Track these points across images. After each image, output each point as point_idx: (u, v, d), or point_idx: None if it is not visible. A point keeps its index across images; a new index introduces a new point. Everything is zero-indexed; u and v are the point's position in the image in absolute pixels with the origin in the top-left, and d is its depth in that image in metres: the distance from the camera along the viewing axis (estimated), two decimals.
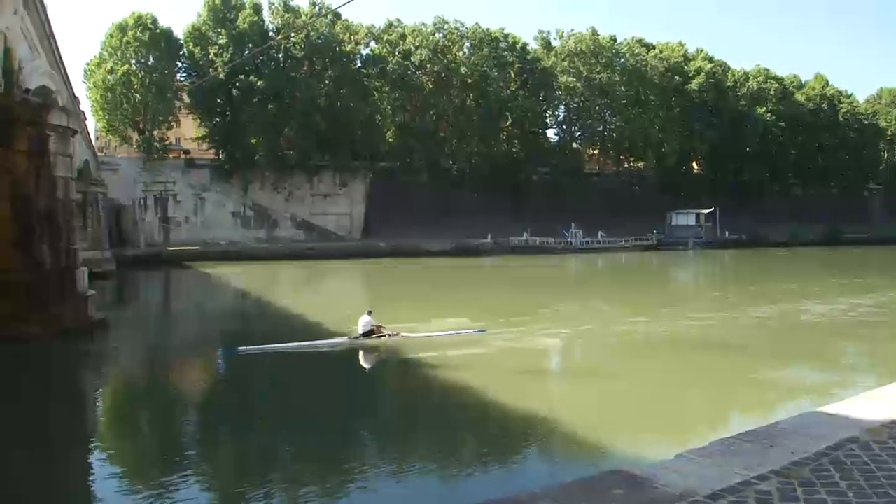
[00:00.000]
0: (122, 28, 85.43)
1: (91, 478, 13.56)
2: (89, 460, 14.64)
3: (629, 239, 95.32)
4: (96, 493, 12.85)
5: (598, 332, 28.42)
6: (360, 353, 23.77)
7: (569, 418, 16.14)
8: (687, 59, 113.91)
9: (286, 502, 12.20)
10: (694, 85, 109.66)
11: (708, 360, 23.23)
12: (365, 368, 22.92)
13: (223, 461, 14.48)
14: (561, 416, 16.43)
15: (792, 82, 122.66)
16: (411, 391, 20.11)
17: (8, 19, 27.05)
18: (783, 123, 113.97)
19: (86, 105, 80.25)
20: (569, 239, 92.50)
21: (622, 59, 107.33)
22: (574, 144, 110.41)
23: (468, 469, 13.70)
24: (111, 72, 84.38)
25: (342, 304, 42.86)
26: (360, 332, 23.95)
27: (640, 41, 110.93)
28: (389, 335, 24.23)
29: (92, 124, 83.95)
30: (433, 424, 16.88)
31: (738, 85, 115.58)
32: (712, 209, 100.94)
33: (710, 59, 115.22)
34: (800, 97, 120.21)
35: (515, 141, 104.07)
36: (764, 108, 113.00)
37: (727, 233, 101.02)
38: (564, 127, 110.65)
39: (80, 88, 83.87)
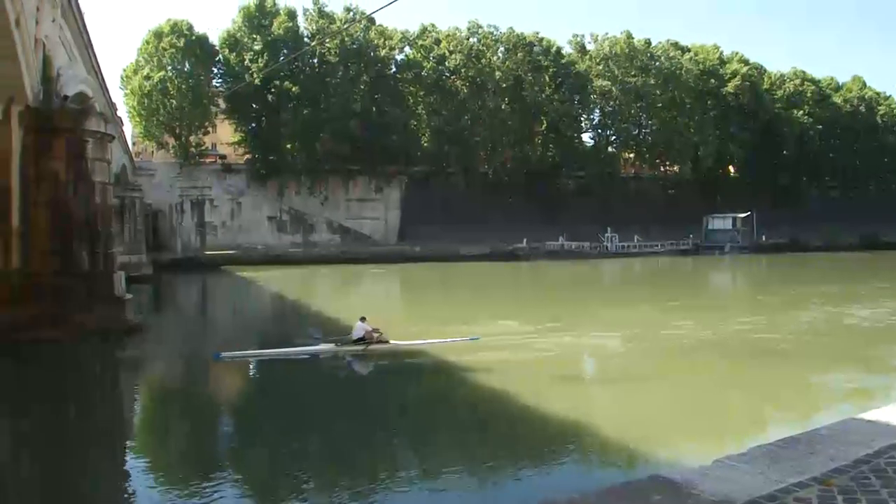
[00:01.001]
0: (157, 35, 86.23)
1: (123, 478, 13.58)
2: (122, 461, 14.66)
3: (665, 243, 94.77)
4: (128, 493, 12.93)
5: (636, 335, 28.17)
6: (384, 360, 23.65)
7: (606, 422, 15.96)
8: (722, 61, 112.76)
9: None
10: (730, 88, 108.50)
11: (748, 364, 22.91)
12: (395, 375, 22.73)
13: (252, 464, 14.43)
14: (598, 420, 16.25)
15: (829, 84, 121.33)
16: (445, 396, 19.96)
17: (46, 28, 27.39)
18: (820, 126, 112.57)
19: (122, 111, 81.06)
20: (604, 244, 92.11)
21: (657, 63, 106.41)
22: (609, 148, 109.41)
23: (504, 474, 13.55)
24: (147, 78, 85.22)
25: (377, 308, 42.93)
26: (354, 337, 23.52)
27: (674, 44, 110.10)
28: (379, 341, 23.69)
29: (129, 130, 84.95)
30: (468, 429, 16.70)
31: (775, 88, 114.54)
32: (749, 213, 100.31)
33: (746, 62, 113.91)
34: (837, 100, 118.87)
35: (550, 145, 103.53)
36: (801, 111, 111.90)
37: (764, 237, 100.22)
38: (600, 131, 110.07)
39: (117, 95, 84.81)
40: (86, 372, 22.11)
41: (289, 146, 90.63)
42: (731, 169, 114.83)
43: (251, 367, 23.26)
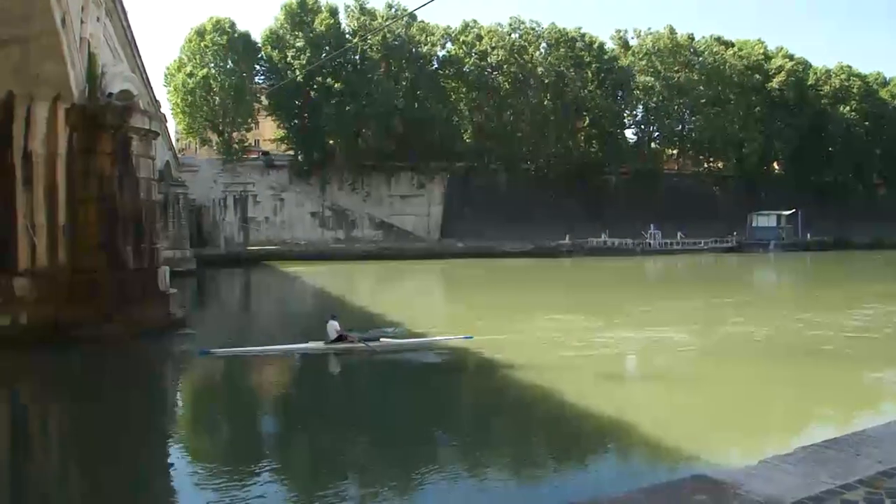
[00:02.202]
0: (200, 33, 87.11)
1: (169, 473, 13.74)
2: (166, 455, 14.79)
3: (709, 241, 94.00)
4: (174, 488, 13.09)
5: (680, 333, 27.84)
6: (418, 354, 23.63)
7: (651, 419, 15.77)
8: (767, 56, 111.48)
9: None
10: (774, 83, 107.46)
11: (796, 362, 22.51)
12: (430, 370, 22.49)
13: (296, 458, 14.50)
14: (642, 417, 16.00)
15: (876, 79, 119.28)
16: (489, 393, 19.80)
17: (91, 26, 27.71)
18: (867, 122, 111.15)
19: (166, 108, 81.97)
20: (647, 240, 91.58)
21: (700, 58, 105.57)
22: (652, 145, 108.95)
23: (546, 471, 13.50)
24: (191, 75, 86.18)
25: (419, 303, 43.09)
26: (331, 337, 23.25)
27: (718, 39, 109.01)
28: (363, 341, 23.45)
29: (172, 127, 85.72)
30: (508, 426, 16.59)
31: (820, 83, 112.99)
32: (794, 210, 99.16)
33: (791, 57, 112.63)
34: (884, 95, 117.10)
35: (593, 141, 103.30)
36: (847, 107, 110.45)
37: (809, 235, 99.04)
38: (643, 127, 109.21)
39: (161, 92, 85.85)
40: (131, 366, 22.33)
41: (331, 142, 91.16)
42: (776, 165, 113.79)
43: (295, 361, 23.23)
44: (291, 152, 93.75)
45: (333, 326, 23.34)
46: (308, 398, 19.58)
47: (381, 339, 23.98)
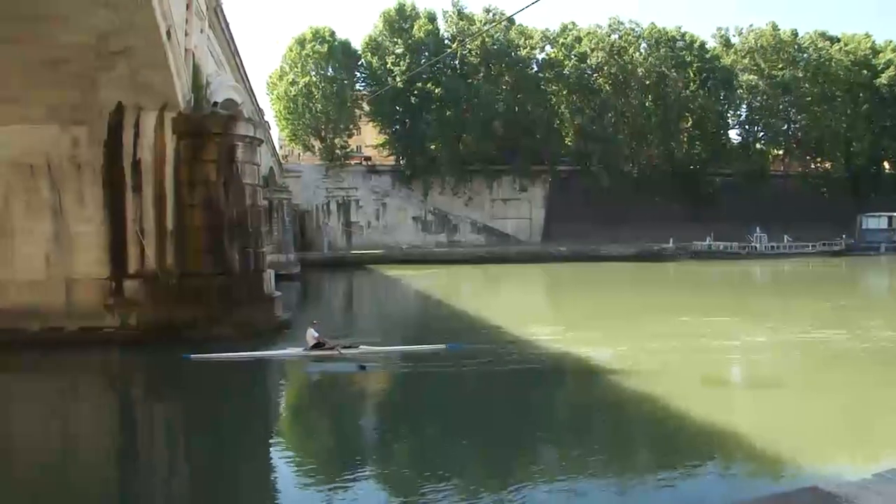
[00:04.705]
0: (300, 42, 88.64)
1: (271, 473, 14.10)
2: (269, 456, 15.11)
3: (816, 244, 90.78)
4: (276, 487, 13.43)
5: (789, 339, 27.04)
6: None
7: (756, 429, 15.32)
8: (875, 51, 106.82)
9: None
10: (883, 79, 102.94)
11: None
12: (534, 376, 22.03)
13: (396, 461, 14.66)
14: (748, 426, 15.59)
15: None
16: (588, 399, 19.63)
17: (195, 38, 28.58)
18: None
19: (269, 115, 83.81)
20: (753, 244, 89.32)
21: (805, 55, 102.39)
22: (757, 145, 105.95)
23: (650, 480, 13.23)
24: (293, 83, 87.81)
25: (523, 307, 42.96)
26: (309, 344, 23.02)
27: (823, 34, 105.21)
28: (341, 348, 23.16)
29: (276, 134, 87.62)
30: (610, 433, 16.42)
31: None
32: None
33: None
34: None
35: (696, 142, 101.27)
36: None
37: None
38: (747, 127, 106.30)
39: (264, 100, 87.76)
40: (236, 368, 22.80)
41: (432, 147, 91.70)
42: (886, 165, 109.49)
43: (389, 368, 23.26)
44: (393, 157, 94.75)
45: (311, 334, 23.20)
46: (414, 403, 19.81)
47: (361, 348, 23.60)
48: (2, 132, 25.81)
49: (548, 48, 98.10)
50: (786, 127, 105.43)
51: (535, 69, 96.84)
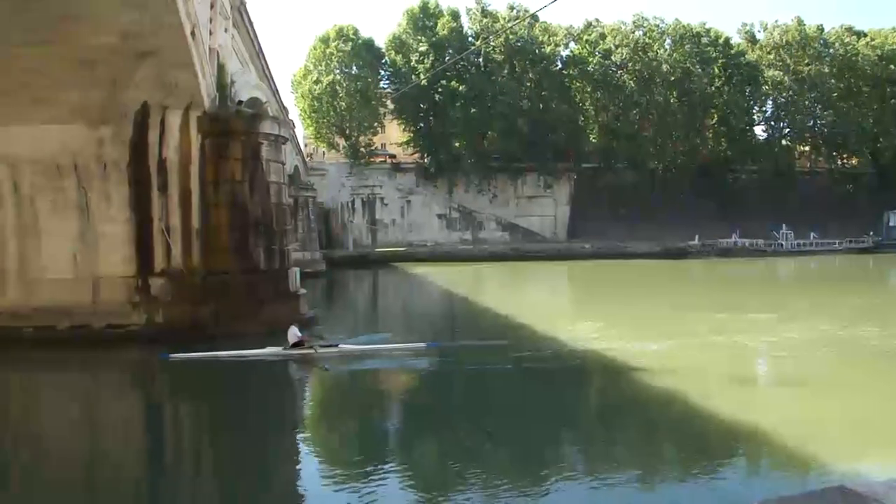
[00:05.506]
0: (324, 40, 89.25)
1: (297, 468, 14.18)
2: (295, 450, 15.20)
3: (843, 241, 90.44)
4: (303, 483, 13.49)
5: (821, 336, 26.52)
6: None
7: (784, 428, 14.88)
8: None
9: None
10: None
11: None
12: (558, 374, 21.88)
13: (419, 457, 14.67)
14: (775, 426, 15.10)
15: None
16: (614, 399, 19.52)
17: (219, 37, 28.73)
18: None
19: (294, 114, 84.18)
20: (779, 241, 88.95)
21: (831, 50, 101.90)
22: (783, 141, 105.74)
23: (676, 478, 13.14)
24: (317, 82, 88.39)
25: (550, 304, 42.93)
26: (290, 342, 22.71)
27: (849, 29, 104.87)
28: (321, 346, 22.85)
29: (300, 132, 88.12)
30: (636, 430, 16.27)
31: None
32: None
33: None
34: None
35: (722, 139, 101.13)
36: None
37: None
38: (773, 123, 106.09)
39: (289, 98, 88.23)
40: (259, 367, 22.86)
41: (457, 145, 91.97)
42: None
43: (425, 363, 23.00)
44: (417, 155, 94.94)
45: (294, 332, 23.02)
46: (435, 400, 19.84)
47: (340, 346, 23.27)
48: (29, 132, 26.03)
49: (572, 45, 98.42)
50: (811, 123, 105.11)
51: (560, 66, 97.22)
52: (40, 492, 12.57)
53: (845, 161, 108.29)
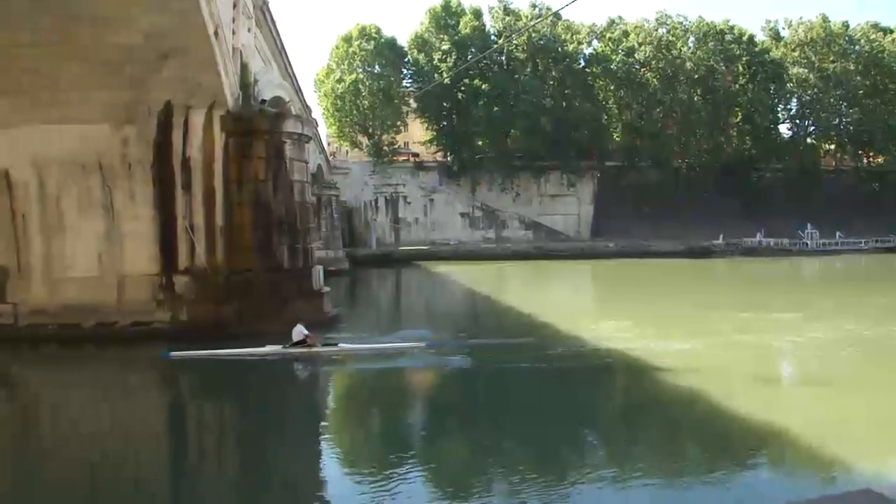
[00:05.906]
0: (347, 39, 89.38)
1: (322, 468, 14.24)
2: (318, 450, 15.27)
3: (869, 240, 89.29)
4: (327, 481, 13.51)
5: (847, 336, 26.30)
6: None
7: (809, 429, 14.81)
8: None
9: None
10: None
11: None
12: (580, 374, 21.76)
13: (443, 457, 14.64)
14: (800, 427, 15.04)
15: None
16: (633, 398, 19.48)
17: (242, 37, 28.83)
18: None
19: (317, 113, 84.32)
20: (804, 240, 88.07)
21: (856, 47, 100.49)
22: (808, 140, 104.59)
23: (700, 479, 13.04)
24: (339, 81, 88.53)
25: (574, 304, 42.76)
26: (294, 340, 22.61)
27: (875, 25, 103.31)
28: (324, 346, 22.90)
29: (323, 131, 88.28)
30: (659, 429, 16.16)
31: None
32: None
33: None
34: None
35: (746, 137, 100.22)
36: None
37: None
38: (797, 121, 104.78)
39: (312, 97, 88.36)
40: (284, 365, 22.88)
41: (480, 143, 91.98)
42: None
43: (451, 361, 22.93)
44: (440, 153, 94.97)
45: (300, 330, 22.85)
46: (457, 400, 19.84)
47: (339, 345, 23.37)
48: (55, 132, 26.21)
49: (595, 43, 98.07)
50: (837, 121, 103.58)
51: (583, 64, 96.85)
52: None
53: (871, 159, 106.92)
